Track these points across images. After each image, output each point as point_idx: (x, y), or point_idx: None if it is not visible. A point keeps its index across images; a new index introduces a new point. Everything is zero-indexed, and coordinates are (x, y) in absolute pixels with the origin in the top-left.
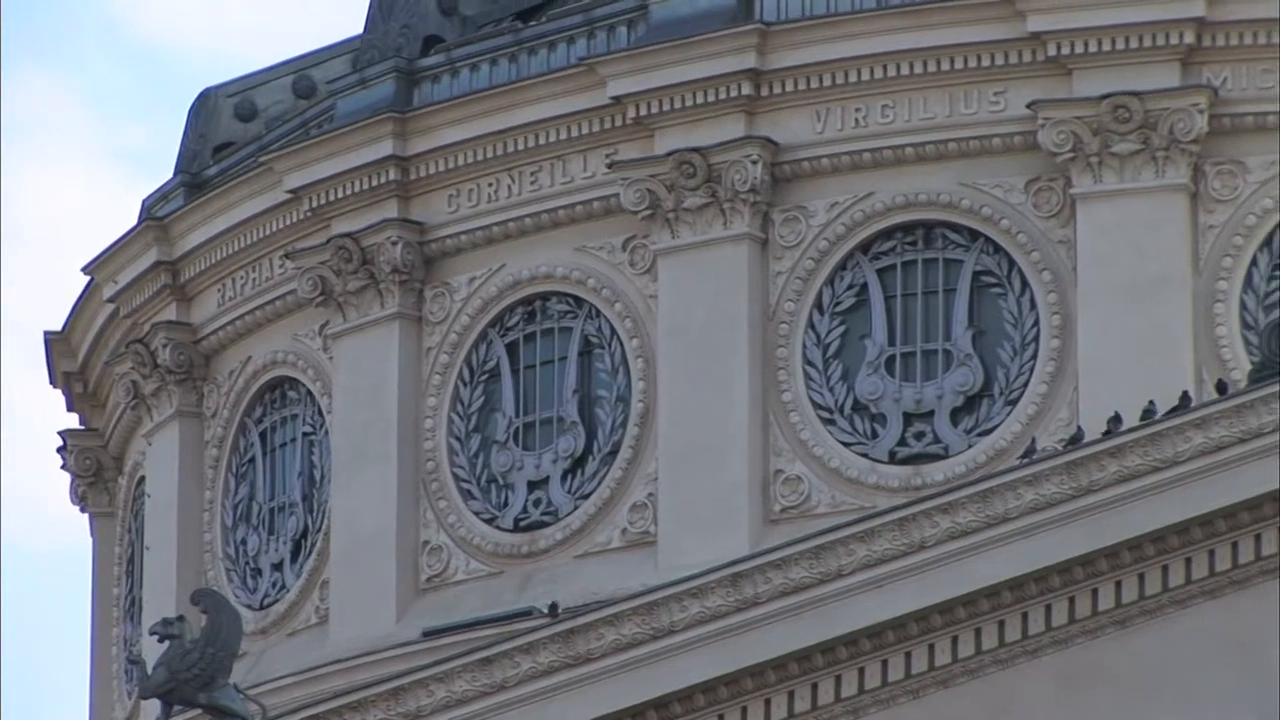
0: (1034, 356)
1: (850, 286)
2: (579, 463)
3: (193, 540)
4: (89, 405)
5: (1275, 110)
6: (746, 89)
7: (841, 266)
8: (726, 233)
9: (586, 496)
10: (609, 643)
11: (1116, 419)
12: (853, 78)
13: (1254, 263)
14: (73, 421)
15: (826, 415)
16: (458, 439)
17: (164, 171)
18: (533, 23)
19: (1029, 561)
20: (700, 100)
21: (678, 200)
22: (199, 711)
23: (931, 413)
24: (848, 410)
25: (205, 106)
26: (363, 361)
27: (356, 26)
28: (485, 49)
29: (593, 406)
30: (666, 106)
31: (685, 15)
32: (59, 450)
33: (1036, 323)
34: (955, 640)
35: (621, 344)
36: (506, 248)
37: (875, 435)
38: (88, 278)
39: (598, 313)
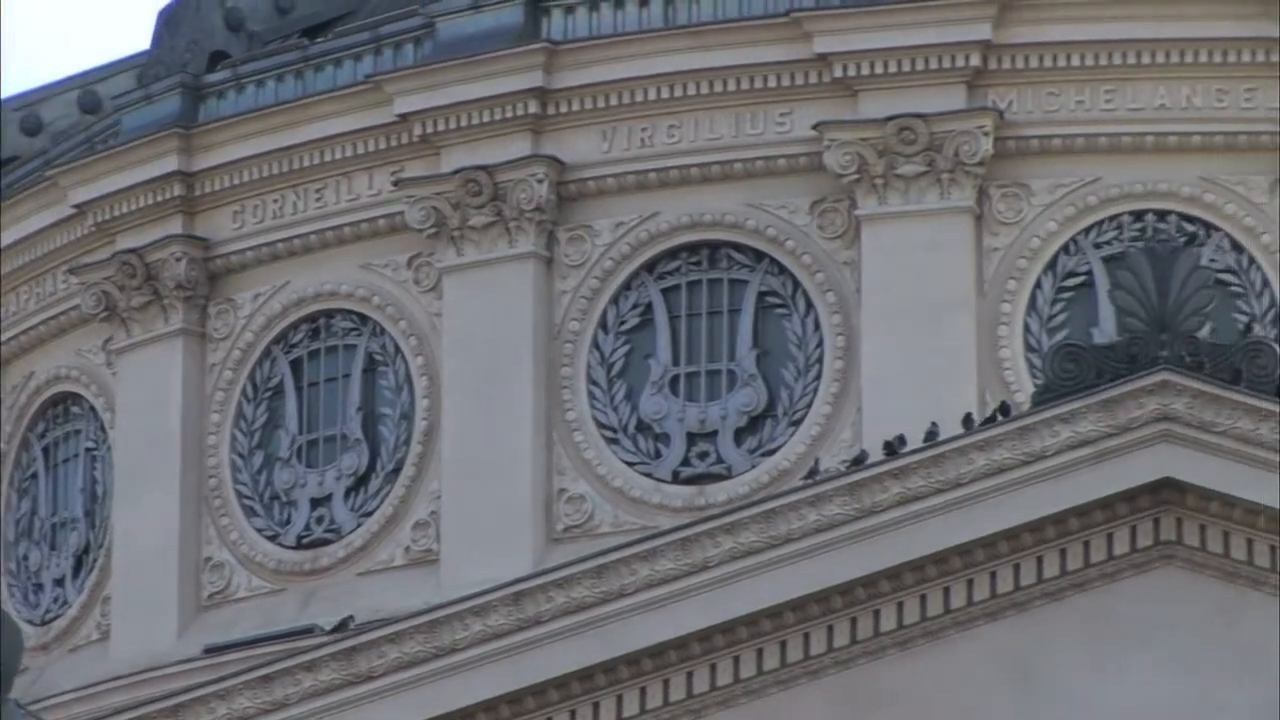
0: (818, 377)
1: (635, 306)
2: (362, 480)
3: None
4: None
5: (1060, 133)
6: (533, 107)
7: (626, 286)
8: (512, 251)
9: (369, 514)
10: (391, 661)
11: (899, 440)
12: (639, 97)
13: (1038, 285)
14: None
15: (610, 434)
16: (241, 456)
17: None
18: (319, 40)
19: (811, 582)
20: (486, 118)
21: (463, 218)
22: None
23: (715, 433)
24: (631, 430)
25: None
26: (146, 377)
27: (144, 42)
28: (271, 65)
29: (376, 424)
30: (453, 124)
31: (472, 33)
32: None
33: (820, 344)
34: (737, 660)
35: (406, 362)
36: (291, 264)
37: (659, 455)
38: None
39: (382, 330)
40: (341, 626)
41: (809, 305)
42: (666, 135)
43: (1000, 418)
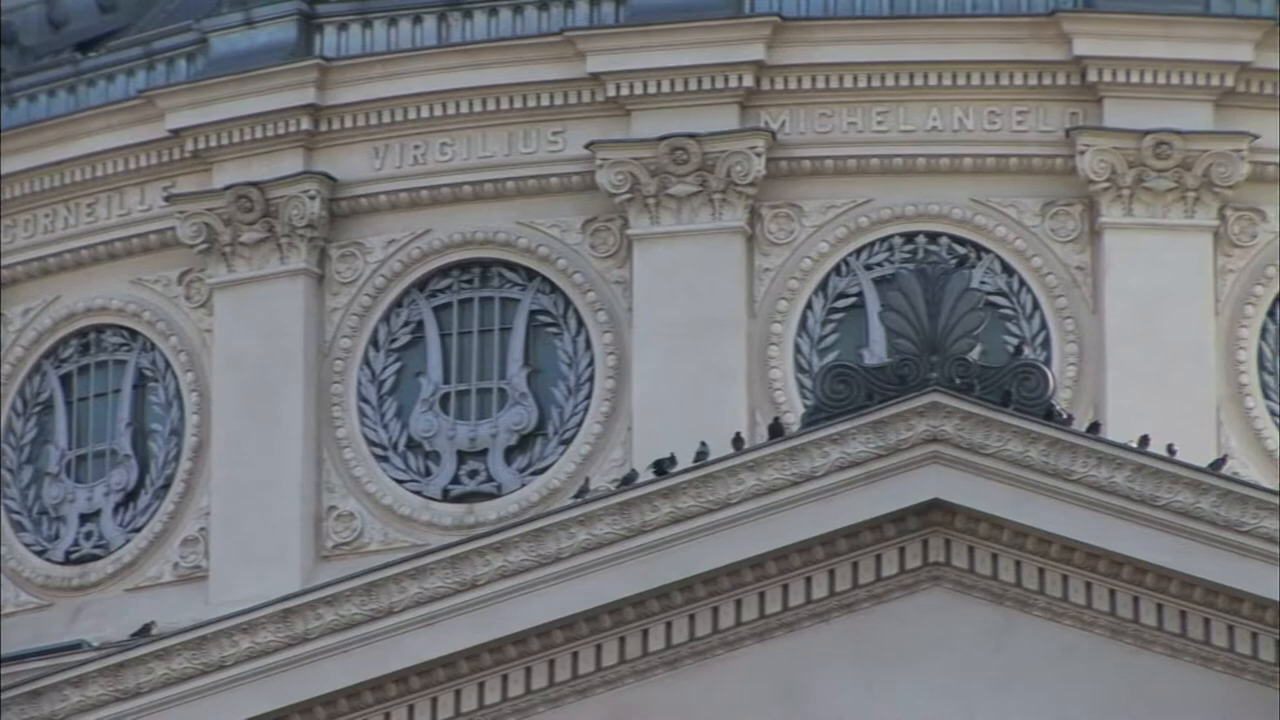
0: (588, 396)
1: (406, 323)
2: (131, 496)
3: None
4: None
5: (832, 154)
6: (305, 124)
7: (398, 303)
8: (283, 268)
9: (138, 530)
10: (159, 677)
11: (670, 460)
12: (412, 115)
13: (809, 306)
14: None
15: (380, 452)
16: (10, 470)
17: None
18: (92, 54)
19: (580, 601)
20: (259, 134)
21: (235, 234)
22: None
23: (485, 451)
24: (402, 447)
25: None
26: None
27: None
28: (44, 80)
29: (146, 440)
30: (225, 140)
31: (245, 50)
32: None
33: (591, 363)
34: (505, 679)
35: (176, 378)
36: (62, 279)
37: (429, 473)
38: None
39: (153, 346)
40: (143, 631)
41: (580, 324)
42: (439, 153)
43: (771, 437)
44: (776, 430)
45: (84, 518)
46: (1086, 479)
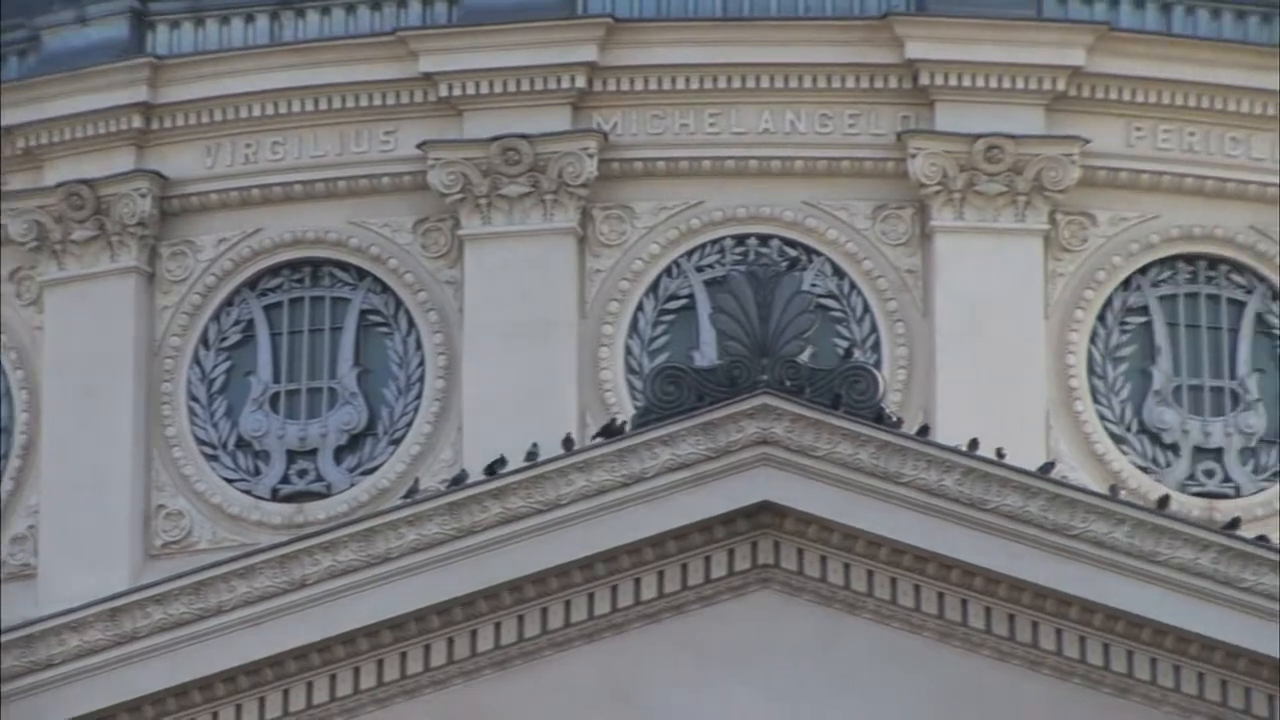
0: (419, 396)
1: (237, 322)
2: None
3: None
4: None
5: (664, 156)
6: (137, 122)
7: (228, 302)
8: (113, 266)
9: None
10: None
11: (500, 461)
12: (243, 113)
13: (640, 308)
14: None
15: (210, 451)
16: None
17: None
18: None
19: (409, 601)
20: (90, 132)
21: (65, 232)
22: None
23: (315, 450)
24: (231, 446)
25: None
26: None
27: None
28: None
29: None
30: (56, 138)
31: (77, 47)
32: None
33: (422, 363)
34: (334, 679)
35: (5, 375)
36: None
37: (259, 472)
38: None
39: None
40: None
41: (411, 324)
42: (270, 152)
43: (604, 438)
44: (611, 431)
45: None
46: (916, 482)
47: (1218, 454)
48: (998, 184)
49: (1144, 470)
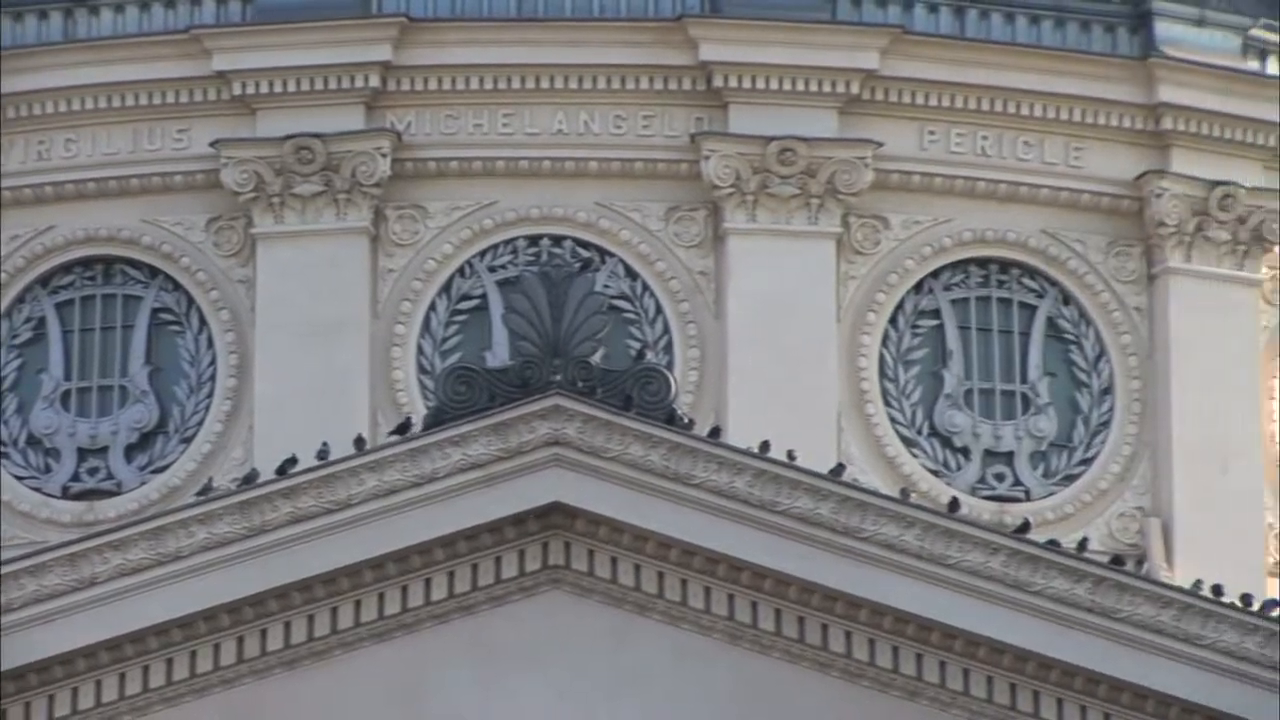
0: (210, 395)
1: (28, 320)
2: None
3: None
4: None
5: (457, 156)
6: None
7: (20, 300)
8: None
9: None
10: None
11: (291, 460)
12: (36, 110)
13: (432, 307)
14: None
15: (0, 448)
16: None
17: None
18: None
19: (199, 600)
20: None
21: None
22: None
23: (106, 449)
24: (22, 443)
25: None
26: None
27: None
28: None
29: None
30: None
31: None
32: None
33: (214, 361)
34: (123, 677)
35: None
36: None
37: (49, 469)
38: None
39: None
40: None
41: (203, 322)
42: (63, 149)
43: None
44: (404, 430)
45: None
46: (707, 484)
47: (1008, 458)
48: (790, 186)
49: (934, 473)
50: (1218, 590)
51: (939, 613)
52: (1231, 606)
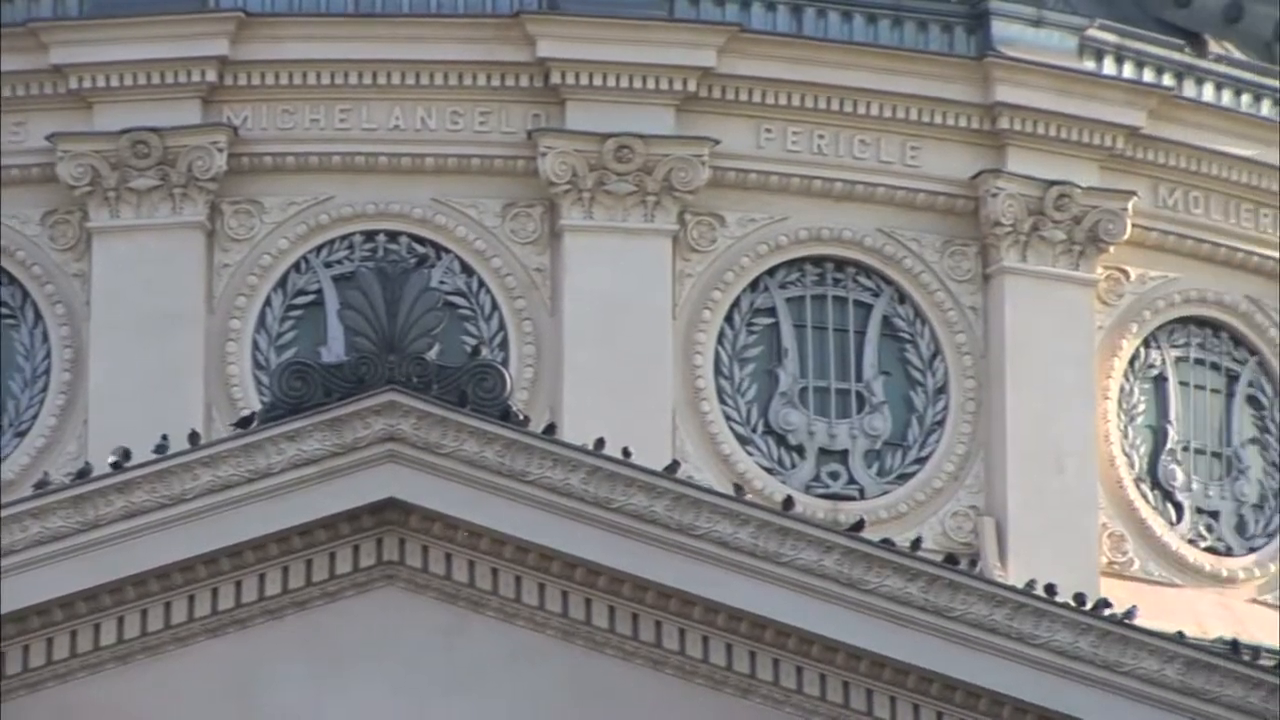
0: (45, 389)
1: None
2: None
3: None
4: None
5: (294, 151)
6: None
7: None
8: None
9: None
10: None
11: (125, 454)
12: None
13: (268, 302)
14: None
15: None
16: None
17: None
18: None
19: (32, 594)
20: None
21: None
22: None
23: None
24: None
25: None
26: None
27: None
28: None
29: None
30: None
31: None
32: None
33: (48, 355)
34: None
35: None
36: None
37: None
38: None
39: None
40: None
41: (38, 316)
42: None
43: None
44: (247, 425)
45: None
46: (541, 480)
47: (843, 456)
48: (627, 184)
49: (769, 471)
50: (1051, 590)
51: (772, 610)
52: (1064, 606)
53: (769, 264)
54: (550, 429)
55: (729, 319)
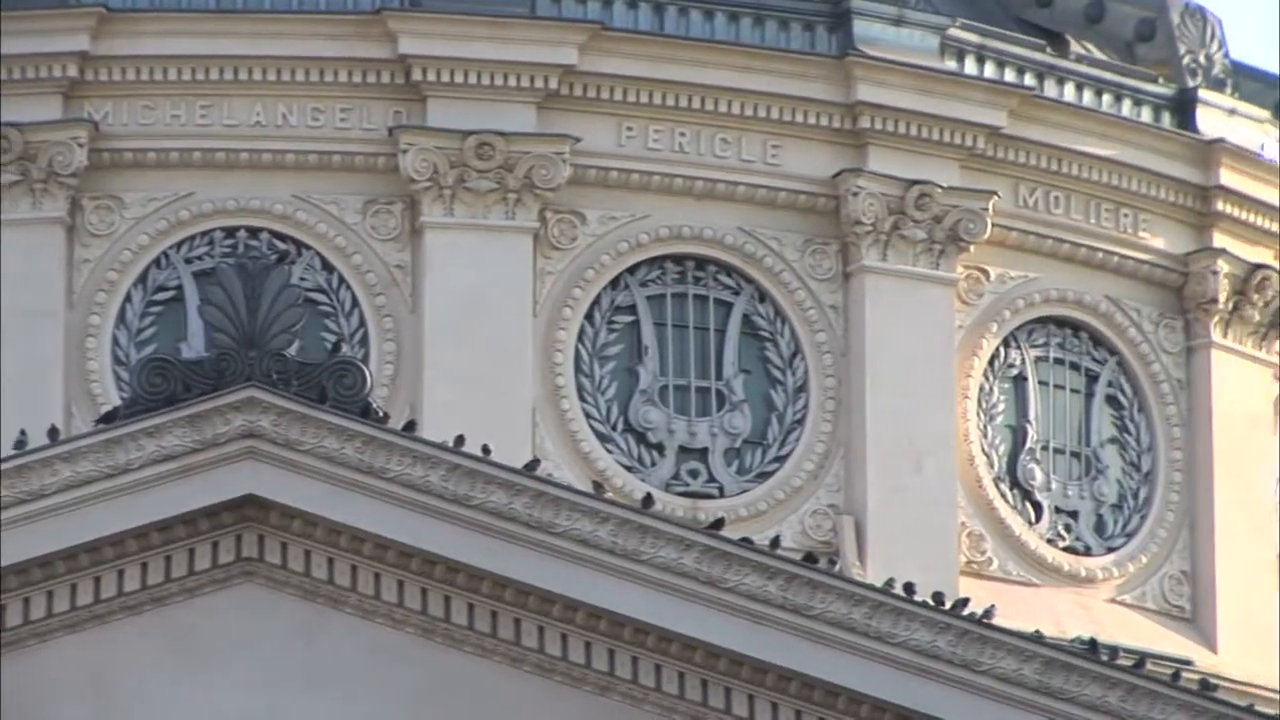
0: None
1: None
2: None
3: None
4: None
5: (155, 147)
6: None
7: None
8: None
9: None
10: None
11: None
12: None
13: (128, 298)
14: None
15: None
16: None
17: None
18: None
19: None
20: None
21: None
22: None
23: None
24: None
25: None
26: None
27: None
28: None
29: None
30: None
31: None
32: None
33: None
34: None
35: None
36: None
37: None
38: None
39: None
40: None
41: None
42: None
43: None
44: (111, 420)
45: None
46: (401, 477)
47: (703, 454)
48: (488, 181)
49: (629, 469)
50: (909, 588)
51: (631, 608)
52: (923, 605)
53: (630, 262)
54: (410, 426)
55: (589, 317)
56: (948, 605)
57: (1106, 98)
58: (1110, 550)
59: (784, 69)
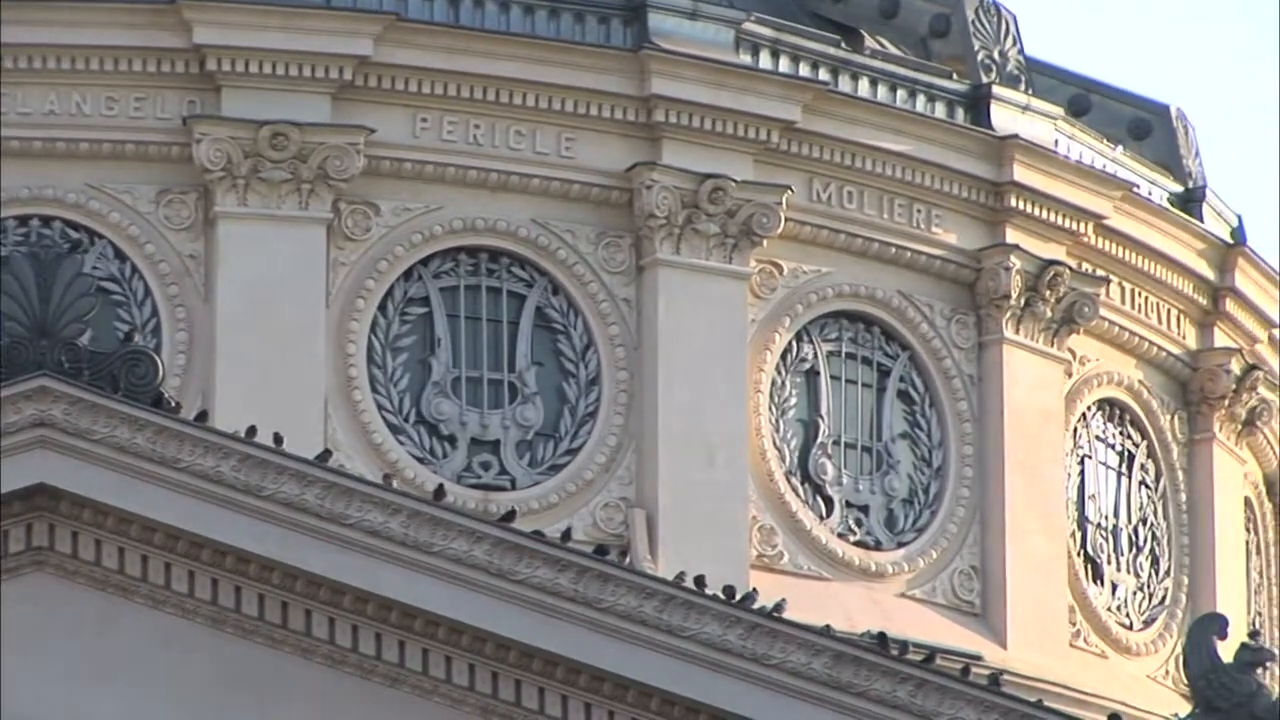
0: None
1: None
2: None
3: None
4: None
5: None
6: None
7: None
8: None
9: None
10: None
11: None
12: None
13: None
14: None
15: None
16: None
17: None
18: None
19: None
20: None
21: None
22: None
23: None
24: None
25: None
26: None
27: None
28: None
29: None
30: None
31: None
32: None
33: None
34: None
35: None
36: None
37: None
38: None
39: None
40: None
41: None
42: None
43: None
44: None
45: None
46: (193, 467)
47: (495, 446)
48: (282, 171)
49: (421, 461)
50: (700, 582)
51: (422, 600)
52: (714, 598)
53: (423, 253)
54: (202, 416)
55: (382, 308)
56: (738, 599)
57: (900, 93)
58: (901, 545)
59: (579, 62)
